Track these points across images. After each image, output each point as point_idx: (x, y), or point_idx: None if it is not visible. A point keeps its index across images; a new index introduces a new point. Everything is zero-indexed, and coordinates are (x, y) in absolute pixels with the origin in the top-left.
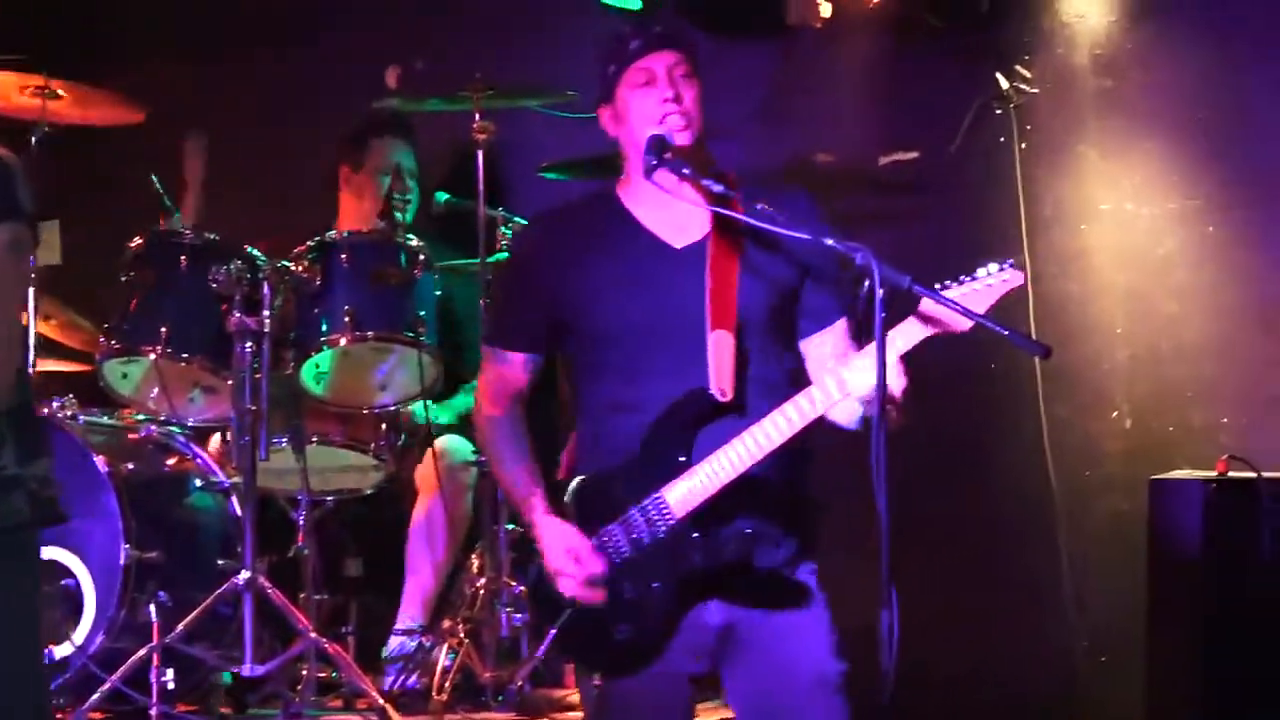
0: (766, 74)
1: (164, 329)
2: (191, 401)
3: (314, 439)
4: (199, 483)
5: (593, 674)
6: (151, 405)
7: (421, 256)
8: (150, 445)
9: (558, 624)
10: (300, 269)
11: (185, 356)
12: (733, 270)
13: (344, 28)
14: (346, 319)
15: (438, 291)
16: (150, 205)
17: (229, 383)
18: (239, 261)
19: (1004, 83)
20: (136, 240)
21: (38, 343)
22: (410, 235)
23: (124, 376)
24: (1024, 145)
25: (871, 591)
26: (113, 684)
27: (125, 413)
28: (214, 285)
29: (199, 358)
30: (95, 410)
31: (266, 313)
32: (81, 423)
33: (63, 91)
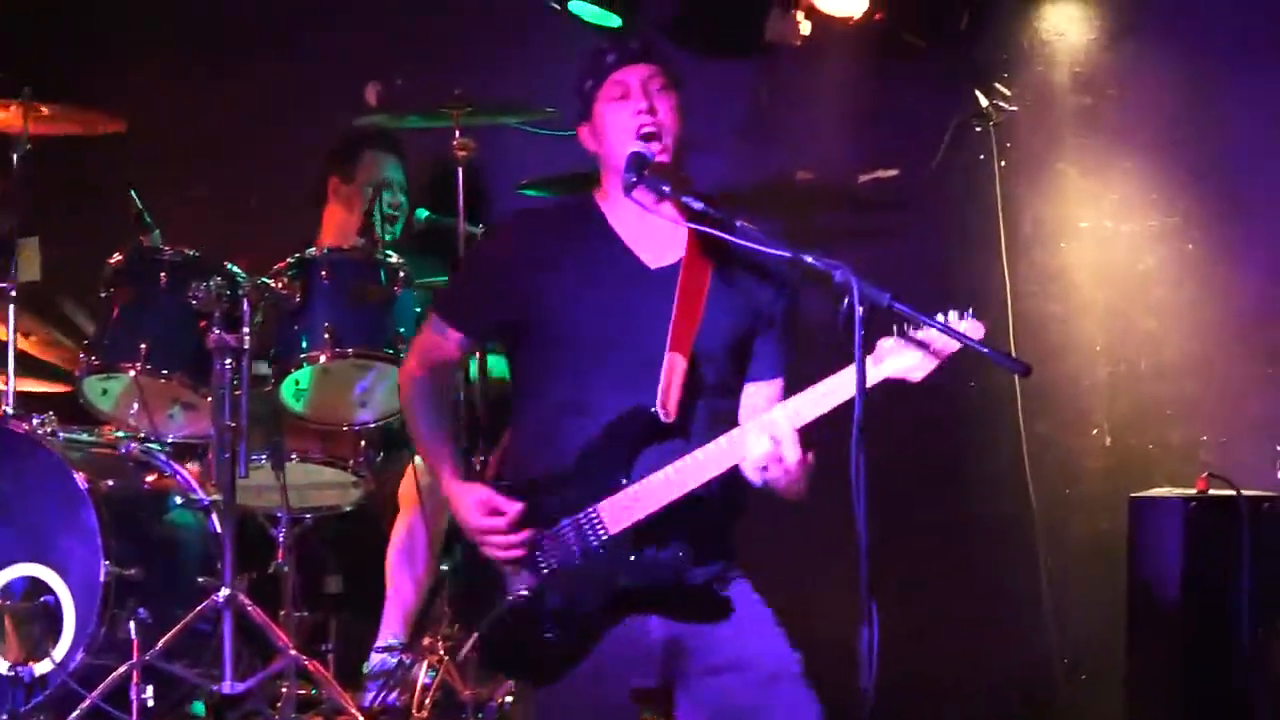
0: (746, 91)
1: (144, 346)
2: (171, 418)
3: (294, 456)
4: (179, 500)
5: (517, 680)
6: (131, 422)
7: (402, 273)
8: (130, 462)
9: (482, 627)
10: (280, 286)
11: (165, 373)
12: (700, 300)
13: (323, 44)
14: (326, 336)
15: (418, 308)
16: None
17: (208, 399)
18: (219, 278)
19: (983, 100)
20: (116, 257)
21: (17, 359)
22: (390, 252)
23: (104, 393)
24: (1003, 163)
25: (851, 607)
26: (92, 701)
27: (105, 429)
28: (194, 302)
29: (179, 374)
30: (75, 427)
31: (246, 329)
32: (61, 439)
33: (45, 109)
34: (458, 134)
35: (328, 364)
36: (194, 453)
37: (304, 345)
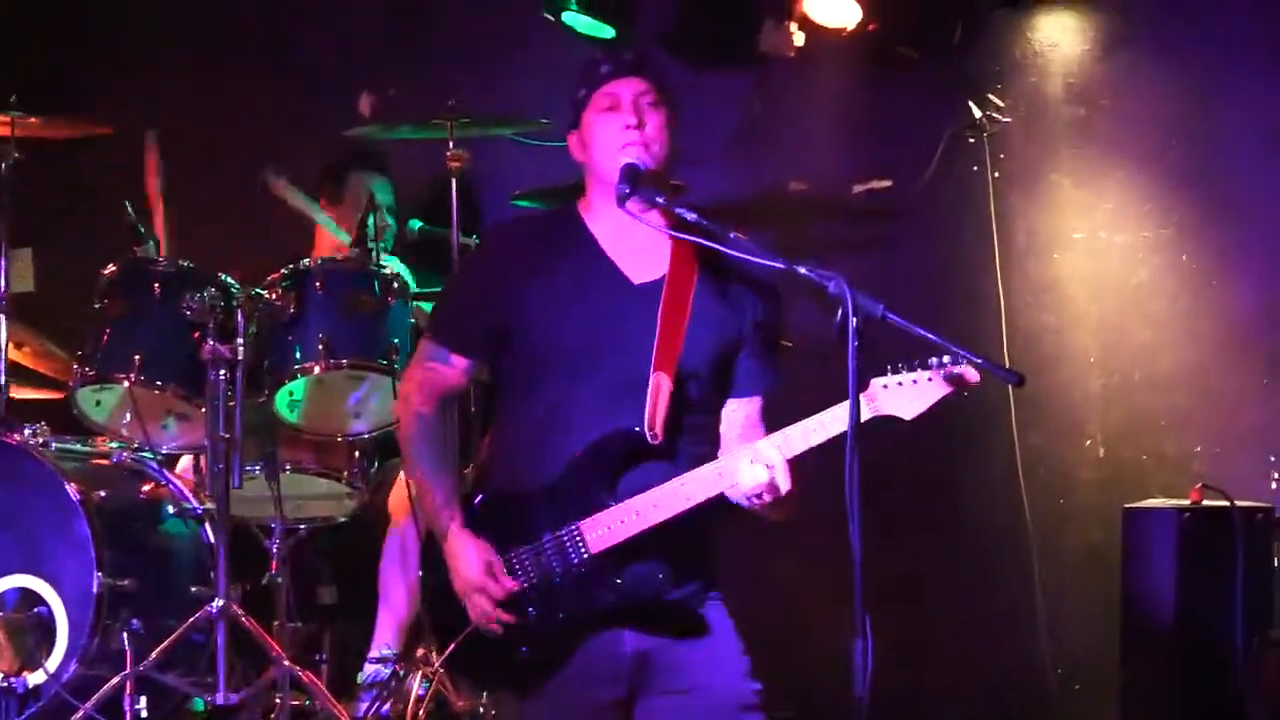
0: (740, 103)
1: (137, 356)
2: (165, 429)
3: (287, 467)
4: (172, 510)
5: (489, 692)
6: (125, 432)
7: (395, 284)
8: (123, 473)
9: (457, 640)
10: (274, 297)
11: (159, 384)
12: (683, 317)
13: (318, 55)
14: (320, 347)
15: (411, 319)
16: (123, 233)
17: (202, 410)
18: (213, 289)
19: (977, 112)
20: (110, 268)
21: (10, 370)
22: (384, 263)
23: (97, 404)
24: (997, 174)
25: (846, 618)
26: (86, 712)
27: (99, 440)
28: (188, 313)
29: (172, 385)
30: (68, 437)
31: (240, 340)
32: (54, 450)
33: (33, 119)
34: (451, 145)
35: (322, 375)
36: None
37: (298, 356)
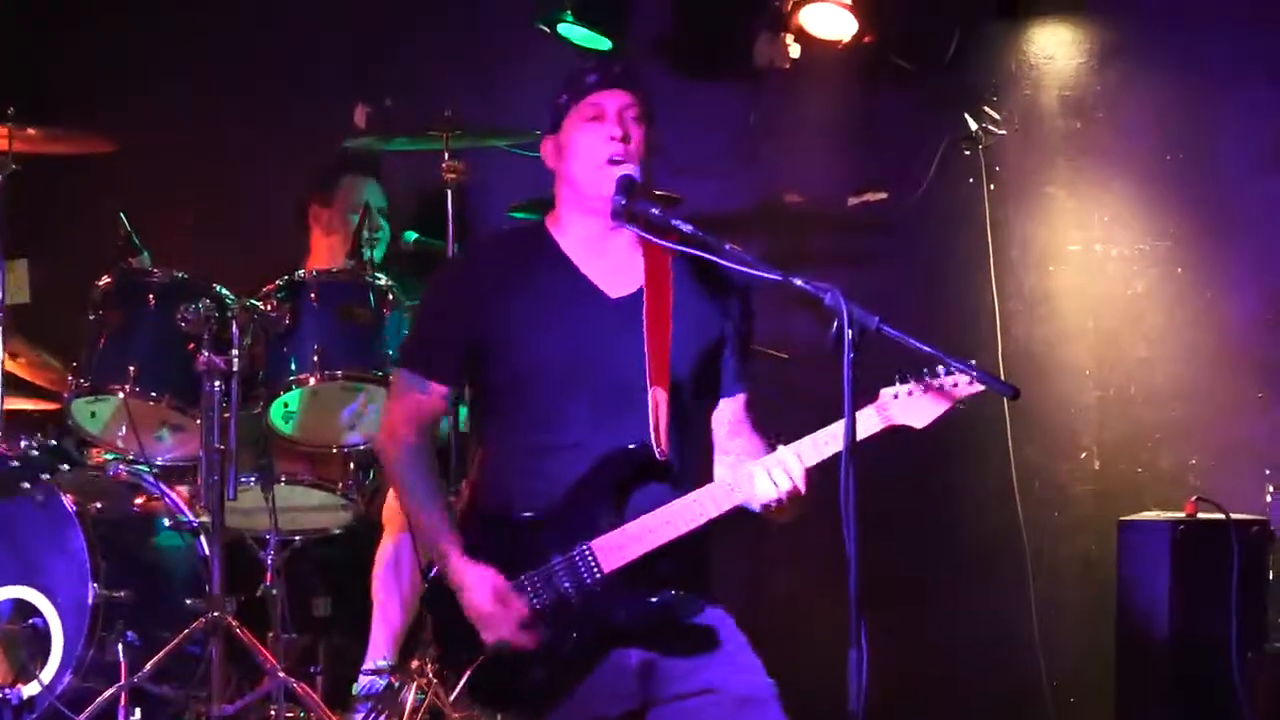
0: (735, 115)
1: (132, 368)
2: (160, 440)
3: (282, 478)
4: (167, 522)
5: (506, 716)
6: (120, 444)
7: (390, 295)
8: (119, 484)
9: (470, 670)
10: (269, 308)
11: (154, 395)
12: (666, 326)
13: (313, 66)
14: (315, 358)
15: (406, 331)
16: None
17: (197, 422)
18: (207, 300)
19: (972, 124)
20: (105, 279)
21: (6, 381)
22: (379, 274)
23: (92, 415)
24: (992, 186)
25: (840, 629)
26: None
27: (94, 452)
28: (183, 324)
29: (167, 396)
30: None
31: (235, 352)
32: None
33: (31, 130)
34: (447, 156)
35: (317, 386)
36: (182, 474)
37: (293, 368)
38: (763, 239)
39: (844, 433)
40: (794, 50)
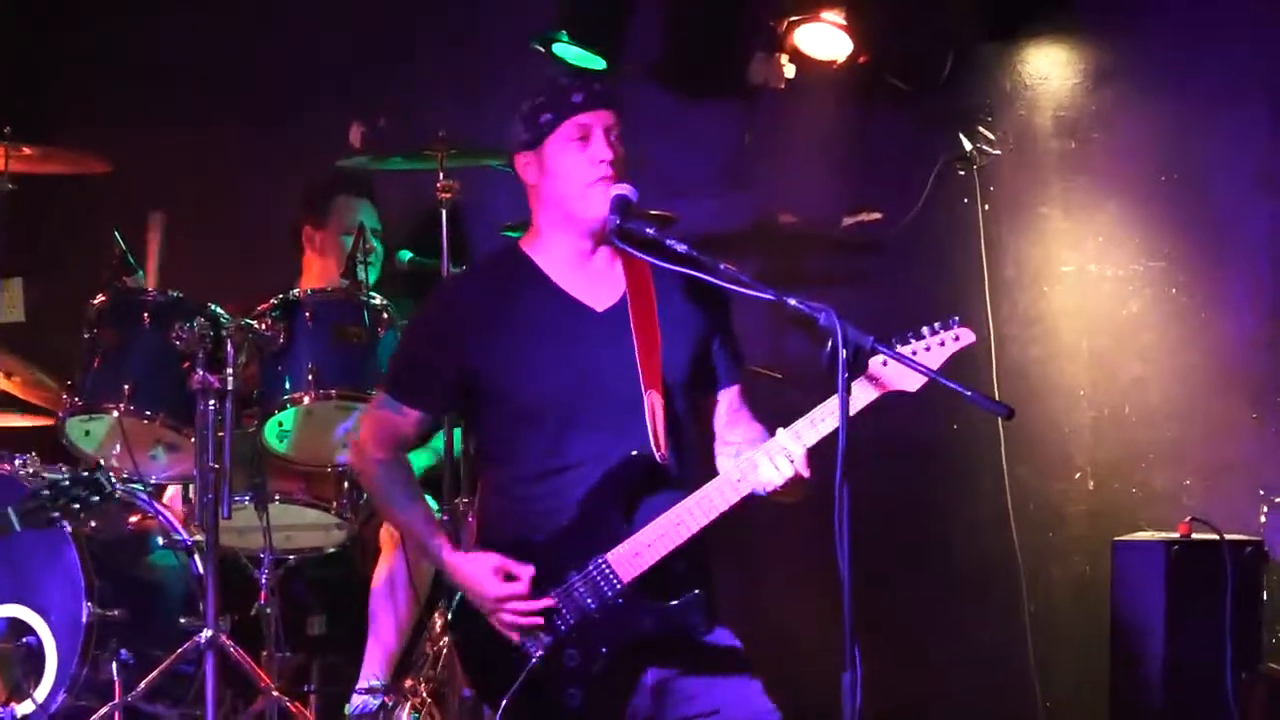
0: (730, 135)
1: (127, 386)
2: (154, 459)
3: (276, 497)
4: (161, 541)
5: None
6: (114, 463)
7: (385, 315)
8: (113, 503)
9: (506, 697)
10: (264, 327)
11: (148, 414)
12: (655, 334)
13: (308, 85)
14: (310, 377)
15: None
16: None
17: (192, 440)
18: (202, 319)
19: (967, 144)
20: (100, 298)
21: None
22: (374, 293)
23: (86, 434)
24: (987, 206)
25: (834, 649)
26: None
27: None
28: (177, 343)
29: (162, 415)
30: (58, 467)
31: (230, 371)
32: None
33: (27, 149)
34: (441, 176)
35: (311, 405)
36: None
37: (287, 387)
38: (757, 259)
39: (839, 451)
40: (789, 70)
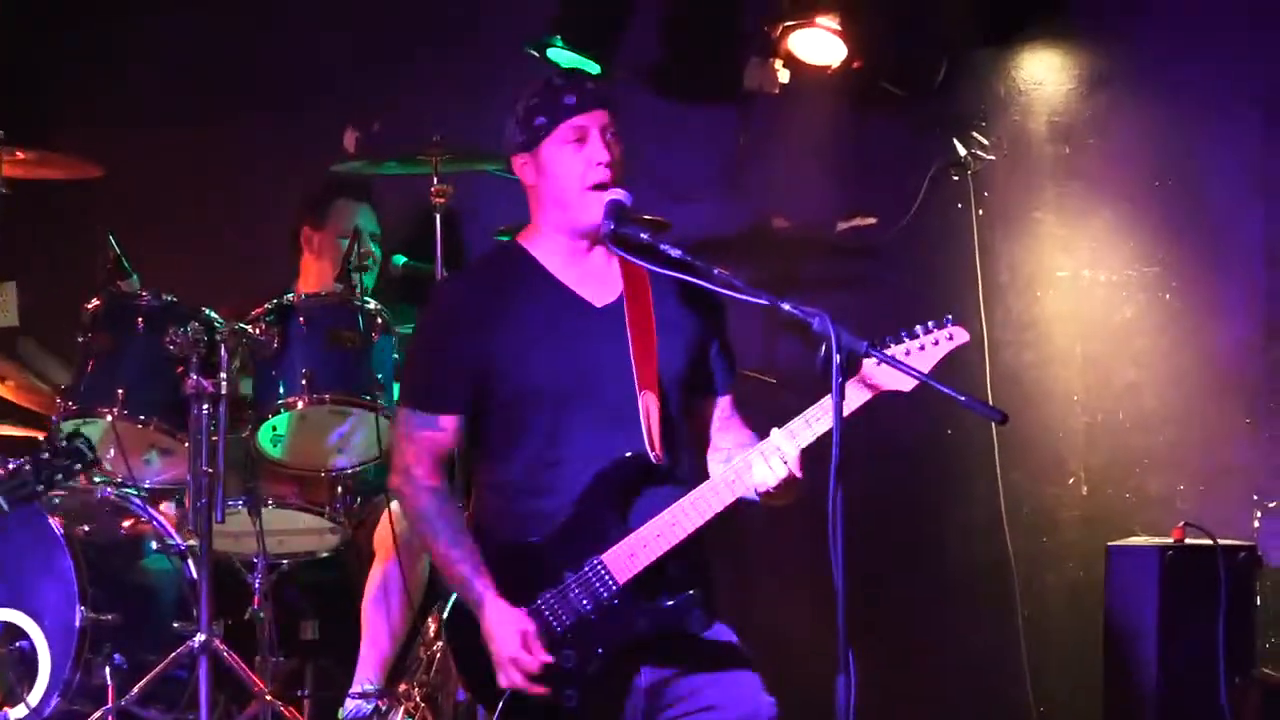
0: (724, 140)
1: (121, 391)
2: (148, 463)
3: (270, 502)
4: (155, 545)
5: None
6: (108, 467)
7: (379, 319)
8: (106, 507)
9: (500, 704)
10: (258, 332)
11: (142, 418)
12: (650, 330)
13: (302, 90)
14: (304, 382)
15: (395, 354)
16: (107, 267)
17: (185, 445)
18: (196, 324)
19: (961, 149)
20: (94, 302)
21: None
22: (368, 298)
23: None
24: (981, 211)
25: (828, 656)
26: None
27: (81, 474)
28: (171, 347)
29: (156, 420)
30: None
31: (223, 375)
32: None
33: (21, 153)
34: (436, 180)
35: (305, 410)
36: (168, 494)
37: (281, 391)
38: (751, 264)
39: (833, 457)
40: (783, 75)
